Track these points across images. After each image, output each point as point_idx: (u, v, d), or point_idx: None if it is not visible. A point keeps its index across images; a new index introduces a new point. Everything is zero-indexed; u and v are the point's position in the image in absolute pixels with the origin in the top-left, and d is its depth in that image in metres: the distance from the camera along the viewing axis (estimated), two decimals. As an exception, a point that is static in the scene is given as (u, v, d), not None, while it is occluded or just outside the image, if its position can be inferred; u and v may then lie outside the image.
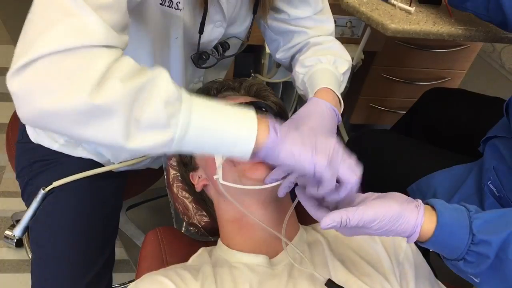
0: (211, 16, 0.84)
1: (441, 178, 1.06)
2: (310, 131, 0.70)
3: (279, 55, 1.03)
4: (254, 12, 0.92)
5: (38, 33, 0.50)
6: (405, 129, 1.48)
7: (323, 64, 0.90)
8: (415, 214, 0.62)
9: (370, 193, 0.67)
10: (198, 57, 0.90)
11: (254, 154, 0.60)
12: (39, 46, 0.49)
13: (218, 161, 0.79)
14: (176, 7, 0.78)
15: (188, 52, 0.89)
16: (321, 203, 0.68)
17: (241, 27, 0.95)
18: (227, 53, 0.97)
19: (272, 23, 0.97)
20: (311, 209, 0.67)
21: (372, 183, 1.24)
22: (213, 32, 0.88)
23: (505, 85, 2.63)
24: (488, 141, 1.04)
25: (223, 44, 0.94)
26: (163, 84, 0.55)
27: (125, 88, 0.52)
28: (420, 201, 0.64)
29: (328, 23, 0.99)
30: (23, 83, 0.49)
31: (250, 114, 0.60)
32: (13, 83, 0.50)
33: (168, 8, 0.77)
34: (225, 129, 0.58)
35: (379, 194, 0.66)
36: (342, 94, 0.88)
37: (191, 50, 0.89)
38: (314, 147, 0.60)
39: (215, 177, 0.78)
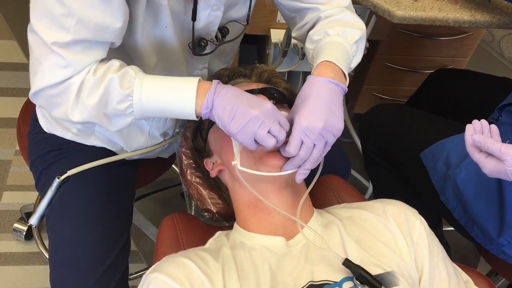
0: (207, 1, 0.84)
1: (453, 142, 1.06)
2: (240, 97, 0.74)
3: (295, 34, 1.01)
4: None
5: (33, 71, 0.75)
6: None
7: (330, 37, 0.86)
8: None
9: None
10: (196, 44, 0.89)
11: (199, 112, 0.75)
12: (34, 83, 0.75)
13: (236, 148, 0.80)
14: None
15: (186, 40, 0.89)
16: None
17: (241, 11, 0.95)
18: (227, 38, 0.95)
19: (284, 1, 0.96)
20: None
21: (386, 149, 1.26)
22: (210, 17, 0.87)
23: (505, 74, 2.62)
24: (504, 108, 1.05)
25: (221, 29, 0.94)
26: (115, 91, 0.74)
27: (90, 104, 0.75)
28: None
29: None
30: (41, 103, 0.79)
31: (192, 80, 0.74)
32: (35, 101, 0.79)
33: None
34: (170, 94, 0.74)
35: None
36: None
37: (189, 37, 0.88)
38: (233, 115, 0.71)
39: (233, 163, 0.79)
